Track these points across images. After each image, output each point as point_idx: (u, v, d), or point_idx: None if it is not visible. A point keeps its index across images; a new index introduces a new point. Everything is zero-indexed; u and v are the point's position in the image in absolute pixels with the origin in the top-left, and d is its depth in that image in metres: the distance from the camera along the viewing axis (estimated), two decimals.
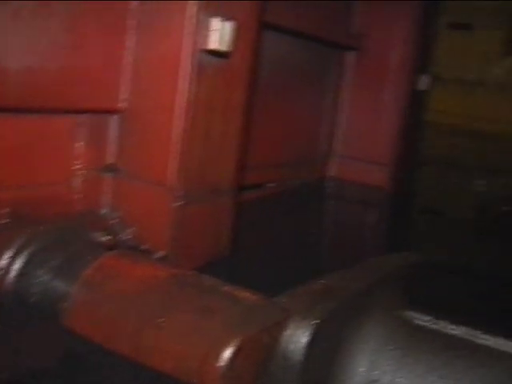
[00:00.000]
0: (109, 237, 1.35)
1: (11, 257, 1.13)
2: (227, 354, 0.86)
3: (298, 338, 0.85)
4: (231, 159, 1.63)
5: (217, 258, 1.61)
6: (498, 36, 4.75)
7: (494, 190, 3.68)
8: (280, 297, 1.02)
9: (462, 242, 2.36)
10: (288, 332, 0.87)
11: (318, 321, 0.86)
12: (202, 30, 1.41)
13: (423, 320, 1.02)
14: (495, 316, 1.53)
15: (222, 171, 1.61)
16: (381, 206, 2.70)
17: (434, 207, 2.94)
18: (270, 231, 2.04)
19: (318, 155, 2.68)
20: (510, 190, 3.56)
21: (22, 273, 1.12)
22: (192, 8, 1.39)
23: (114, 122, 1.52)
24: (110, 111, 1.51)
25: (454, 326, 1.01)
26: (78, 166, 1.46)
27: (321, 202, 2.66)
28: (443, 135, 4.35)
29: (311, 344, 0.84)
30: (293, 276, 1.60)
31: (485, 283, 1.89)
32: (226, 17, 1.44)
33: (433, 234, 2.39)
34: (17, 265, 1.12)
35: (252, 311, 0.97)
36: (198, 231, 1.56)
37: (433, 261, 1.68)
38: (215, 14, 1.42)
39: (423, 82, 2.77)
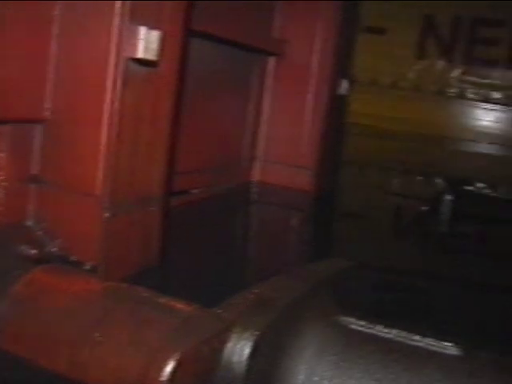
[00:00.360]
0: (35, 250, 1.32)
1: None
2: (168, 368, 0.86)
3: (240, 349, 0.86)
4: (160, 168, 1.62)
5: (146, 267, 1.59)
6: (411, 40, 4.91)
7: (411, 190, 3.80)
8: (216, 308, 1.03)
9: (382, 243, 2.42)
10: (230, 344, 0.87)
11: (259, 332, 0.86)
12: (128, 38, 1.39)
13: (358, 325, 1.04)
14: (420, 315, 1.58)
15: (151, 180, 1.60)
16: (305, 210, 2.74)
17: (355, 209, 3.01)
18: (197, 238, 2.04)
19: (243, 160, 2.70)
20: (426, 190, 3.68)
21: None
22: (118, 16, 1.37)
23: (38, 132, 1.48)
24: (34, 121, 1.47)
25: (387, 330, 1.04)
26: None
27: (246, 207, 2.67)
28: (362, 137, 4.46)
29: (254, 355, 0.85)
30: (224, 284, 1.60)
31: (407, 284, 1.95)
32: (153, 25, 1.43)
33: (354, 236, 2.44)
34: None
35: (190, 322, 0.97)
36: (127, 241, 1.54)
37: (360, 264, 1.72)
38: (142, 23, 1.41)
39: (343, 87, 2.82)
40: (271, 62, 2.73)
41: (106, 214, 1.44)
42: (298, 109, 2.73)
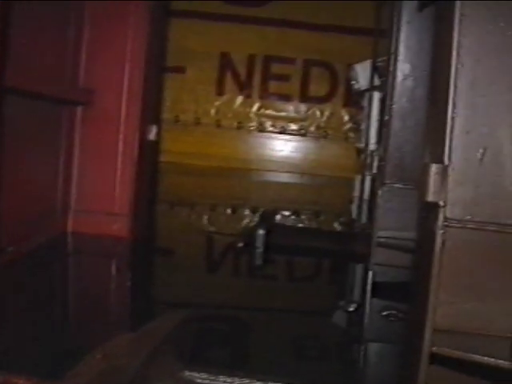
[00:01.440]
0: None
1: None
2: None
3: None
4: None
5: None
6: (211, 77, 5.10)
7: (224, 226, 3.93)
8: (63, 379, 1.02)
9: (200, 280, 2.49)
10: None
11: None
12: None
13: (202, 378, 1.09)
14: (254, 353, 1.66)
15: None
16: (122, 256, 2.74)
17: (172, 248, 3.06)
18: (15, 300, 1.96)
19: (57, 212, 2.65)
20: (239, 224, 3.83)
21: None
22: None
23: None
24: None
25: (229, 379, 1.10)
26: None
27: (63, 259, 2.62)
28: (172, 175, 4.54)
29: None
30: (57, 349, 1.56)
31: (234, 321, 2.03)
32: None
33: (174, 276, 2.48)
34: None
35: None
36: None
37: (194, 312, 1.77)
38: None
39: (153, 132, 2.87)
40: (79, 111, 2.72)
41: None
42: (108, 157, 2.73)
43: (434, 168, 1.30)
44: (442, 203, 1.29)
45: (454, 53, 1.33)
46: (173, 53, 4.57)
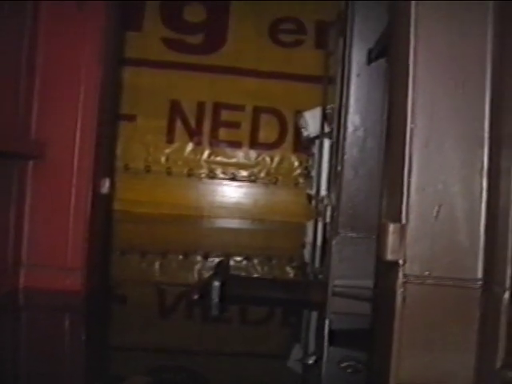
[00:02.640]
0: None
1: None
2: None
3: None
4: None
5: None
6: (160, 125, 5.12)
7: (178, 276, 3.90)
8: None
9: (156, 333, 2.46)
10: None
11: None
12: None
13: None
14: None
15: None
16: (76, 312, 2.69)
17: (127, 301, 3.03)
18: None
19: (8, 267, 2.60)
20: (193, 274, 3.81)
21: None
22: None
23: None
24: None
25: None
26: None
27: (15, 316, 2.55)
28: (121, 223, 4.50)
29: None
30: None
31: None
32: None
33: (129, 331, 2.45)
34: None
35: None
36: None
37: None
38: None
39: (105, 185, 2.86)
40: (30, 165, 2.68)
41: None
42: (60, 211, 2.69)
43: (391, 227, 1.33)
44: (401, 261, 1.32)
45: (409, 112, 1.38)
46: (122, 101, 4.58)
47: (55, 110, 2.72)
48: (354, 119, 2.56)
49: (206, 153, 5.19)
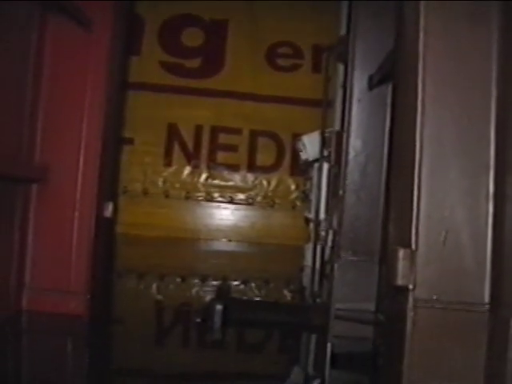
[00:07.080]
0: None
1: None
2: None
3: None
4: None
5: None
6: (158, 148, 5.16)
7: (168, 294, 3.90)
8: None
9: (159, 357, 2.47)
10: None
11: None
12: None
13: None
14: None
15: None
16: (79, 336, 2.69)
17: (130, 326, 3.02)
18: None
19: (11, 289, 2.60)
20: (191, 296, 3.82)
21: None
22: None
23: None
24: None
25: None
26: None
27: (17, 339, 2.55)
28: (119, 246, 4.51)
29: None
30: None
31: None
32: None
33: (133, 355, 2.45)
34: None
35: None
36: None
37: None
38: None
39: (108, 209, 2.87)
40: (34, 188, 2.69)
41: None
42: (64, 235, 2.69)
43: (401, 253, 1.36)
44: (411, 286, 1.35)
45: (418, 140, 1.41)
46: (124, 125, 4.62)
47: (59, 134, 2.74)
48: (355, 144, 2.60)
49: (204, 176, 5.22)
